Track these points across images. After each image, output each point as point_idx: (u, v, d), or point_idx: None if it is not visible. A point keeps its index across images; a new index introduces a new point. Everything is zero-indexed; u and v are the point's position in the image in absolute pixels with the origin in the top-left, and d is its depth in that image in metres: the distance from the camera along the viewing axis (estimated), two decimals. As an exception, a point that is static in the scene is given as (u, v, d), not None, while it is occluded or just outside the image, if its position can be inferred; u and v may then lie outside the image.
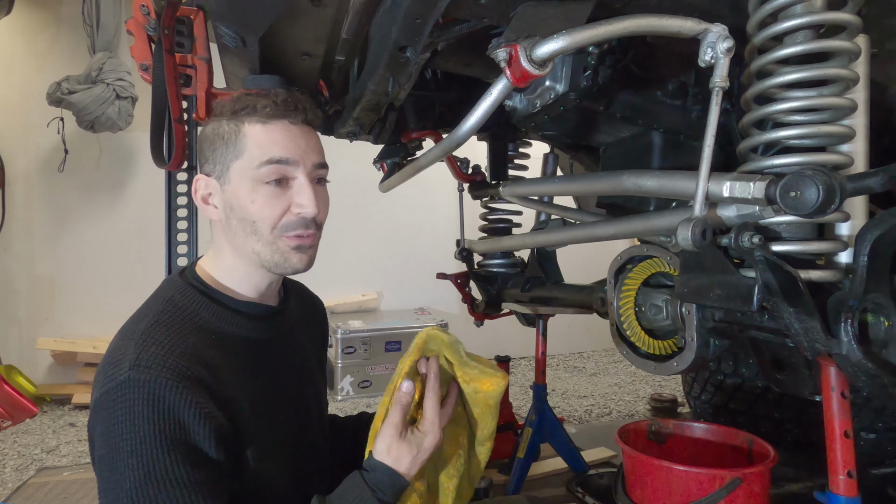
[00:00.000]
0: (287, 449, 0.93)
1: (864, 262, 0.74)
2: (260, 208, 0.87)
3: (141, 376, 0.75)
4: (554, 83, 1.13)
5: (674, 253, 1.03)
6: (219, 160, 0.90)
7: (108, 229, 3.51)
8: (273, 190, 0.88)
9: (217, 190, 0.91)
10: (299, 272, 0.93)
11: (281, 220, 0.89)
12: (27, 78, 3.35)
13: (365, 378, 3.41)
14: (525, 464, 1.98)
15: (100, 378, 0.79)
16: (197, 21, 1.46)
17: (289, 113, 0.89)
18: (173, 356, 0.78)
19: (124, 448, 0.73)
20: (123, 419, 0.74)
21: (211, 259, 0.96)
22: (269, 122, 0.88)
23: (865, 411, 1.83)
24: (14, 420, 2.91)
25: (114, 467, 0.73)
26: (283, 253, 0.90)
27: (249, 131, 0.88)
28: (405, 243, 4.12)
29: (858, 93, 0.85)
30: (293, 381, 1.00)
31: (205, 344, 0.85)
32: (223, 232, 0.93)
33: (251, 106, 0.88)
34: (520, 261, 1.97)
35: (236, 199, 0.89)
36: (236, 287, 0.93)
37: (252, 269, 0.93)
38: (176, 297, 0.89)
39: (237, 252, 0.92)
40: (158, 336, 0.81)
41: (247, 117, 0.88)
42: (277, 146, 0.88)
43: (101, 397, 0.77)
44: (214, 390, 0.81)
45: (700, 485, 1.26)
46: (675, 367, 1.00)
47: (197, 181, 0.93)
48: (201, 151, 0.93)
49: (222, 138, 0.89)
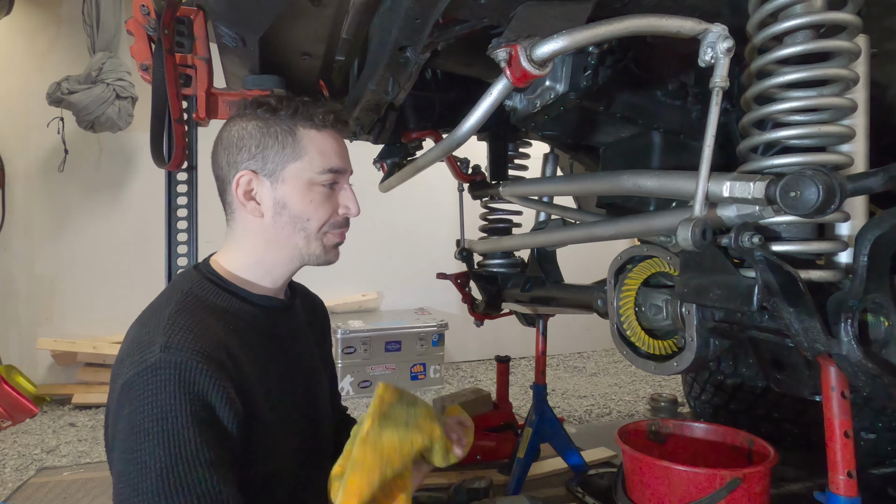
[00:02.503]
0: (294, 440, 0.95)
1: (864, 262, 0.74)
2: (315, 208, 0.96)
3: (172, 358, 0.77)
4: (554, 83, 1.13)
5: (674, 253, 1.03)
6: (271, 159, 0.94)
7: (108, 229, 3.51)
8: (327, 192, 0.97)
9: (266, 187, 0.95)
10: (330, 264, 1.03)
11: (330, 219, 0.98)
12: (27, 78, 3.35)
13: (365, 378, 3.41)
14: (525, 464, 1.98)
15: (126, 363, 0.81)
16: (197, 21, 1.46)
17: (339, 124, 0.99)
18: (201, 341, 0.81)
19: (154, 427, 0.74)
20: (153, 399, 0.75)
21: (228, 254, 0.99)
22: (322, 129, 0.97)
23: (865, 411, 1.83)
24: (14, 420, 2.91)
25: (142, 447, 0.74)
26: (326, 248, 1.00)
27: (305, 136, 0.95)
28: (405, 243, 4.12)
29: (858, 93, 0.85)
30: (302, 374, 1.03)
31: (224, 332, 0.87)
32: (258, 227, 0.96)
33: (304, 111, 0.95)
34: (520, 261, 1.97)
35: (291, 197, 0.95)
36: (255, 279, 0.98)
37: (281, 263, 0.98)
38: (194, 289, 0.93)
39: (275, 245, 0.97)
40: (184, 322, 0.84)
41: (301, 121, 0.95)
42: (337, 156, 0.98)
43: (131, 379, 0.78)
44: (234, 377, 0.83)
45: (700, 485, 1.26)
46: (675, 367, 1.00)
47: (240, 177, 0.94)
48: (242, 147, 0.95)
49: (275, 138, 0.94)
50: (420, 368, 3.57)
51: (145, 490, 0.72)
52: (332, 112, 0.97)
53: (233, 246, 0.99)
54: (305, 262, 1.00)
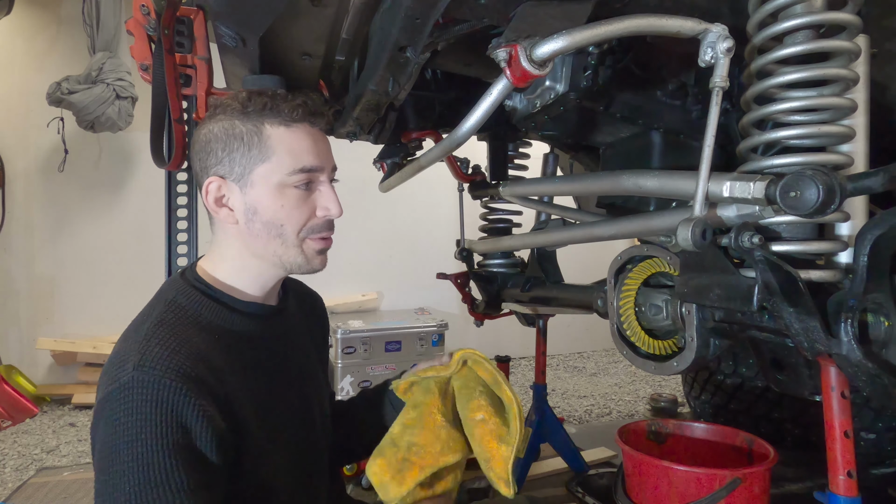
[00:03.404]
0: (288, 450, 0.93)
1: (864, 262, 0.74)
2: (289, 212, 0.88)
3: (144, 377, 0.75)
4: (554, 83, 1.13)
5: (674, 253, 1.03)
6: (238, 162, 0.87)
7: (108, 229, 3.51)
8: (301, 194, 0.89)
9: (235, 193, 0.89)
10: (316, 272, 0.95)
11: (308, 222, 0.90)
12: (27, 78, 3.35)
13: (365, 378, 3.41)
14: (525, 464, 1.98)
15: (103, 381, 0.79)
16: (197, 21, 1.46)
17: (312, 117, 0.90)
18: (177, 357, 0.78)
19: (125, 450, 0.72)
20: (125, 421, 0.73)
21: (213, 260, 0.95)
22: (292, 125, 0.88)
23: (865, 411, 1.83)
24: (14, 420, 2.91)
25: (112, 469, 0.72)
26: (308, 255, 0.92)
27: (273, 134, 0.87)
28: (405, 243, 4.12)
29: (858, 93, 0.85)
30: (294, 380, 0.99)
31: (208, 345, 0.84)
32: (237, 234, 0.91)
33: (272, 107, 0.87)
34: (520, 261, 1.97)
35: (261, 202, 0.88)
36: (241, 286, 0.93)
37: (265, 270, 0.93)
38: (178, 298, 0.88)
39: (254, 253, 0.91)
40: (162, 336, 0.80)
41: (268, 118, 0.87)
42: (308, 154, 0.89)
43: (104, 399, 0.76)
44: (217, 392, 0.80)
45: (700, 485, 1.26)
46: (675, 367, 1.00)
47: (209, 183, 0.89)
48: (210, 152, 0.89)
49: (240, 139, 0.87)
50: (420, 368, 3.57)
51: None
52: (302, 105, 0.88)
53: (217, 252, 0.94)
54: (289, 272, 0.94)
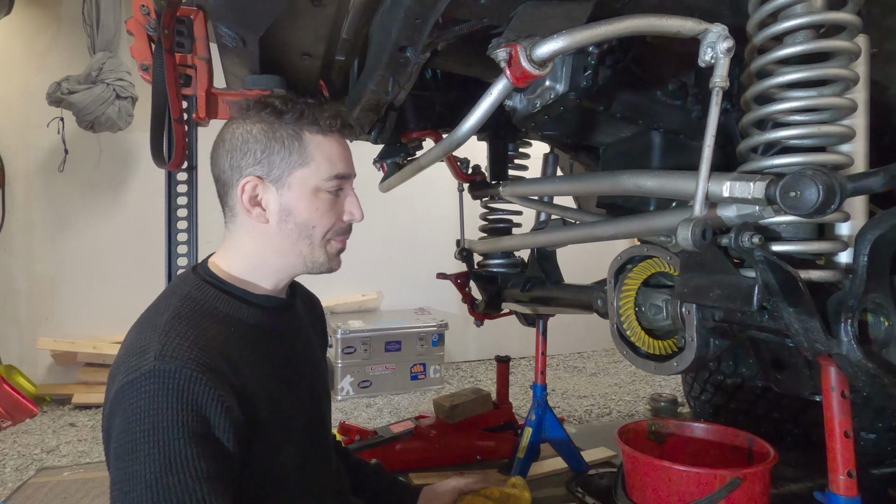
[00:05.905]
0: (300, 441, 0.95)
1: (864, 262, 0.74)
2: (321, 215, 0.95)
3: (166, 366, 0.76)
4: (554, 83, 1.13)
5: (674, 253, 1.03)
6: (276, 164, 0.92)
7: (108, 229, 3.51)
8: (332, 199, 0.96)
9: (272, 193, 0.93)
10: (333, 272, 1.01)
11: (334, 225, 0.97)
12: (27, 78, 3.35)
13: (365, 378, 3.41)
14: (525, 464, 1.98)
15: (121, 369, 0.80)
16: (197, 21, 1.46)
17: (344, 128, 0.97)
18: (197, 348, 0.80)
19: (146, 437, 0.73)
20: (146, 409, 0.74)
21: (227, 256, 0.97)
22: (328, 134, 0.95)
23: (865, 411, 1.83)
24: (14, 420, 2.91)
25: (133, 457, 0.73)
26: (330, 255, 0.99)
27: (312, 141, 0.93)
28: (405, 243, 4.12)
29: (858, 93, 0.85)
30: (304, 374, 1.02)
31: (224, 337, 0.86)
32: (263, 233, 0.94)
33: (309, 115, 0.93)
34: (520, 261, 1.97)
35: (296, 204, 0.93)
36: (255, 280, 0.96)
37: (285, 267, 0.97)
38: (192, 292, 0.91)
39: (278, 251, 0.95)
40: (181, 328, 0.82)
41: (306, 126, 0.93)
42: (343, 162, 0.96)
43: (124, 387, 0.77)
44: (234, 383, 0.82)
45: (700, 485, 1.26)
46: (675, 367, 1.00)
47: (245, 183, 0.92)
48: (247, 152, 0.92)
49: (281, 143, 0.92)
50: (420, 368, 3.57)
51: (134, 500, 0.71)
52: (338, 116, 0.95)
53: (233, 248, 0.97)
54: (309, 270, 0.98)
